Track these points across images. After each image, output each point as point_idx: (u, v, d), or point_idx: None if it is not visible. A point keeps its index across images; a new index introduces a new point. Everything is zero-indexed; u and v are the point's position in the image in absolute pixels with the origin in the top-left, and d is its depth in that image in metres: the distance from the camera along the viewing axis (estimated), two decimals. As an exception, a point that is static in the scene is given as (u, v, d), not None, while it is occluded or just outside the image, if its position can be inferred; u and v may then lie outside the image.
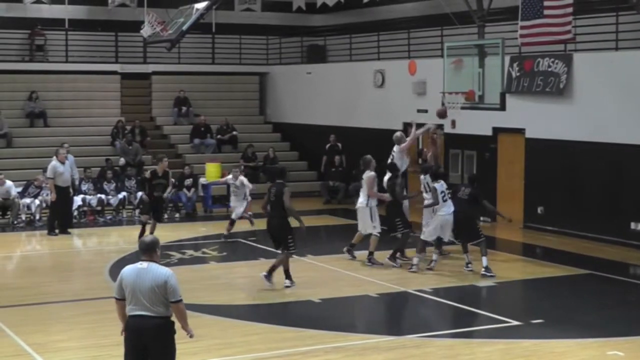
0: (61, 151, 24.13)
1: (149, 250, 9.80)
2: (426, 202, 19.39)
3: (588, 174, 23.08)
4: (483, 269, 18.31)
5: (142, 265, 9.71)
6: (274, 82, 36.17)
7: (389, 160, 20.44)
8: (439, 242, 19.14)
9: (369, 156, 20.19)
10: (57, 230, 23.87)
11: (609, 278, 18.78)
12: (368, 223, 19.61)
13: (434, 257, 19.03)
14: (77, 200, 26.03)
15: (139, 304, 9.66)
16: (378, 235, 19.59)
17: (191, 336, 10.05)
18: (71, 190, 24.60)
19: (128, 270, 9.79)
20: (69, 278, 18.84)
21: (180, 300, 9.76)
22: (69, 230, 24.15)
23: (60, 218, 24.04)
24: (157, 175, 22.67)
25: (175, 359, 9.88)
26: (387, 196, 19.69)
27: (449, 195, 18.82)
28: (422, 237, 19.09)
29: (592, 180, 22.97)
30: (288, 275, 17.58)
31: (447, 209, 18.71)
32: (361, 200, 19.82)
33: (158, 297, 9.62)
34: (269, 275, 17.44)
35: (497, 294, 17.74)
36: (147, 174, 23.07)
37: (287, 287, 17.37)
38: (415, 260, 18.94)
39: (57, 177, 23.75)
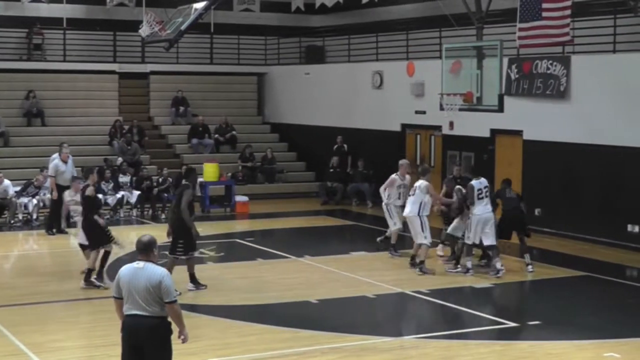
0: (64, 150, 24.26)
1: (145, 250, 9.80)
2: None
3: (585, 176, 23.11)
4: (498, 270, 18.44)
5: (139, 264, 9.72)
6: (272, 83, 36.17)
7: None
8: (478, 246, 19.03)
9: (425, 165, 20.29)
10: (54, 230, 23.86)
11: (605, 280, 18.80)
12: (419, 232, 19.08)
13: (469, 264, 18.87)
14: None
15: (134, 304, 9.66)
16: (429, 245, 19.27)
17: (183, 341, 9.94)
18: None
19: (125, 269, 9.81)
20: (65, 278, 18.82)
21: (175, 301, 9.73)
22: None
23: (59, 218, 24.01)
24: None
25: (171, 359, 9.85)
26: (453, 200, 19.51)
27: (486, 194, 18.67)
28: (467, 241, 18.78)
29: (589, 182, 22.99)
30: (192, 279, 17.40)
31: (482, 208, 18.50)
32: (411, 209, 19.11)
33: (153, 296, 9.61)
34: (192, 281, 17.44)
35: (494, 296, 17.75)
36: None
37: (190, 290, 17.25)
38: (469, 264, 18.70)
39: (58, 176, 23.84)
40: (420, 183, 19.14)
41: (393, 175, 20.65)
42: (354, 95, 31.45)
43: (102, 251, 17.61)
